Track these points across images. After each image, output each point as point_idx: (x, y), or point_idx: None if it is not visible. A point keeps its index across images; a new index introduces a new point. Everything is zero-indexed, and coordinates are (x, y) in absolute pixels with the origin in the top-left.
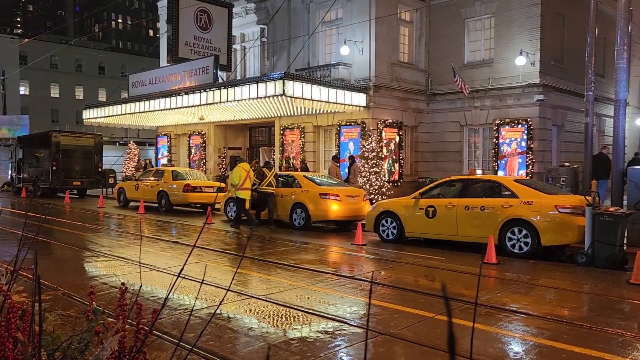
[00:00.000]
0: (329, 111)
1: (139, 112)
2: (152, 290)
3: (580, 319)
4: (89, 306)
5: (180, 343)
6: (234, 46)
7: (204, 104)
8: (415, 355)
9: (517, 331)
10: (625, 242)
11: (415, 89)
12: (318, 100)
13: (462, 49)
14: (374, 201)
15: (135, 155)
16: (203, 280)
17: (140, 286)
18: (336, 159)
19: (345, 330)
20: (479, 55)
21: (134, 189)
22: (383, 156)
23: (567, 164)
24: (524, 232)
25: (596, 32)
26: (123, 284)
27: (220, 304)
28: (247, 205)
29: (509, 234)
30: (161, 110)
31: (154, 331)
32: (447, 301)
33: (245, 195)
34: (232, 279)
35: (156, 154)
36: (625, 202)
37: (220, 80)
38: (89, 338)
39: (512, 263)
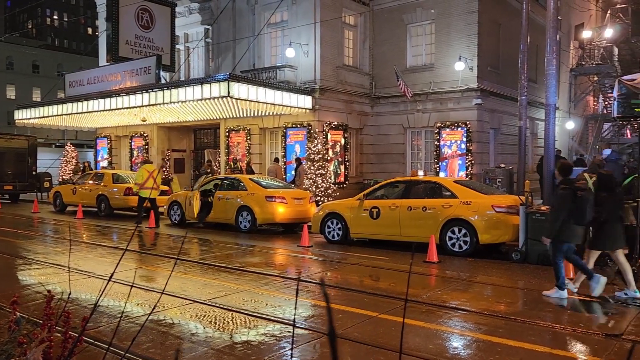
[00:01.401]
0: (275, 113)
1: (77, 113)
2: (89, 298)
3: (515, 314)
4: (11, 316)
5: (114, 349)
6: (177, 46)
7: (146, 105)
8: (360, 354)
9: (456, 327)
10: None
11: (360, 92)
12: (264, 102)
13: (404, 53)
14: (320, 203)
15: (72, 158)
16: (133, 283)
17: (70, 293)
18: (277, 160)
19: (290, 332)
20: (420, 59)
21: (71, 193)
22: (329, 158)
23: (503, 165)
24: (464, 231)
25: (528, 40)
26: (49, 291)
27: (153, 309)
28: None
29: (449, 233)
30: (101, 111)
31: (88, 339)
32: (325, 292)
33: (145, 194)
34: (166, 283)
35: (95, 156)
36: None
37: (163, 81)
38: (11, 350)
39: (452, 261)
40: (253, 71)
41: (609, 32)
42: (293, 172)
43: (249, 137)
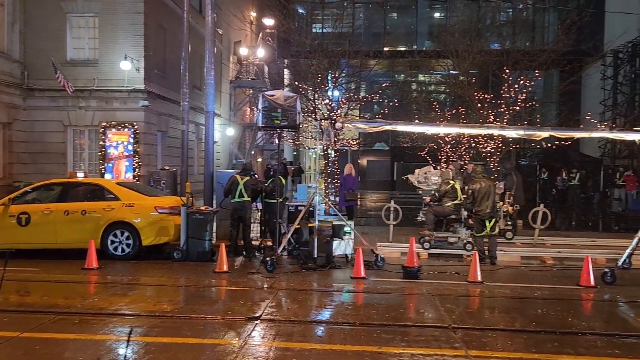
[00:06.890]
0: None
1: None
2: None
3: (172, 311)
4: None
5: None
6: None
7: None
8: None
9: (112, 333)
10: (214, 236)
11: (9, 81)
12: None
13: (64, 44)
14: None
15: None
16: None
17: None
18: None
19: None
20: (83, 53)
21: None
22: None
23: (167, 167)
24: (127, 234)
25: (190, 49)
26: None
27: None
28: None
29: (111, 237)
30: None
31: None
32: None
33: None
34: None
35: None
36: (215, 201)
37: None
38: None
39: (114, 266)
40: None
41: (260, 52)
42: None
43: None
